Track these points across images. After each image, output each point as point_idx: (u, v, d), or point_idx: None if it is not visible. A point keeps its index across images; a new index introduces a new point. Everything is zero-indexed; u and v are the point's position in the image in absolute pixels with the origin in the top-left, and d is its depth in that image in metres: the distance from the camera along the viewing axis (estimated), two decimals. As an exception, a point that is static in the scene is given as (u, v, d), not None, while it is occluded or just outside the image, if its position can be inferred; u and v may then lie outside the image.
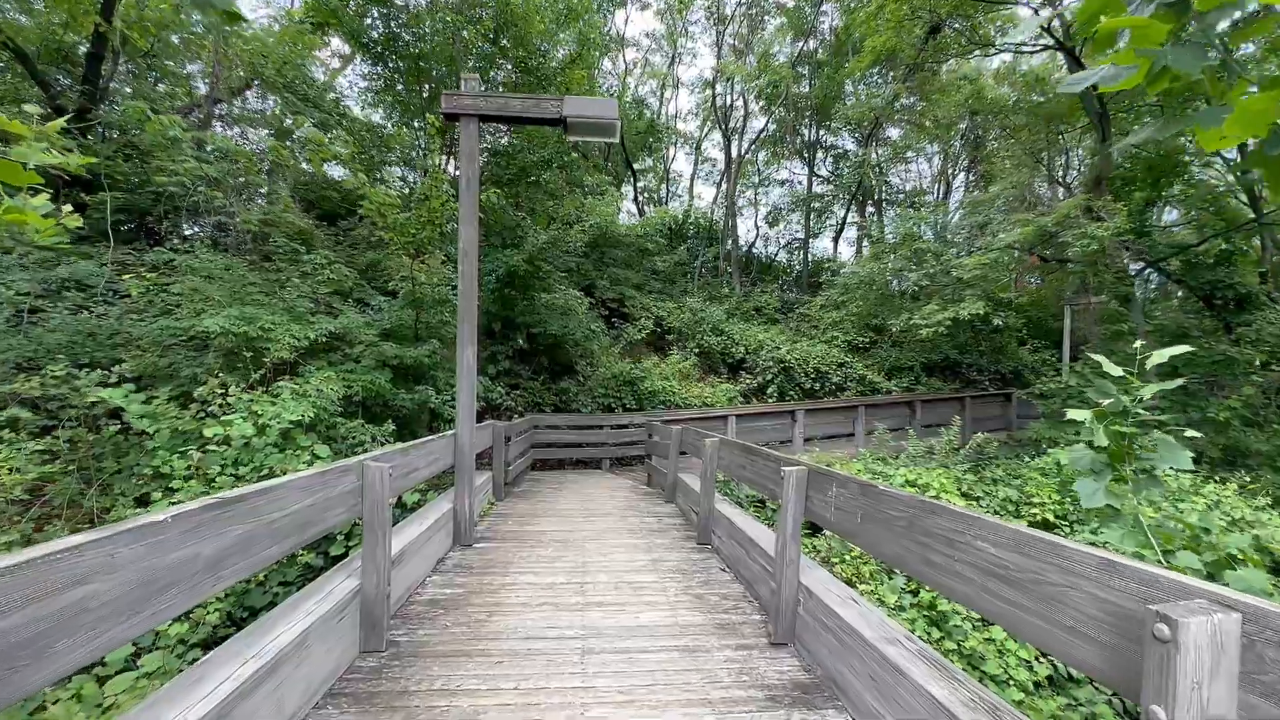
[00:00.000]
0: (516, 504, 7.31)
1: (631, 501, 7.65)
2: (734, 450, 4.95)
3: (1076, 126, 12.56)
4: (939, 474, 7.28)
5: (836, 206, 23.78)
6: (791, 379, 14.33)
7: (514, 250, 10.07)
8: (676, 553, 5.21)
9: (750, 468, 4.37)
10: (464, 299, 5.29)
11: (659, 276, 18.64)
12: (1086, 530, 6.40)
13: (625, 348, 14.93)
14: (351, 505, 2.99)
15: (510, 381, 11.20)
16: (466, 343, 5.28)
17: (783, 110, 22.41)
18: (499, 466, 7.48)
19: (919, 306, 11.16)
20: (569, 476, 10.02)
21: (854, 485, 2.77)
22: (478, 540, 5.46)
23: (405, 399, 7.37)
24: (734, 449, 4.94)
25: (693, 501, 6.40)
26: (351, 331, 7.20)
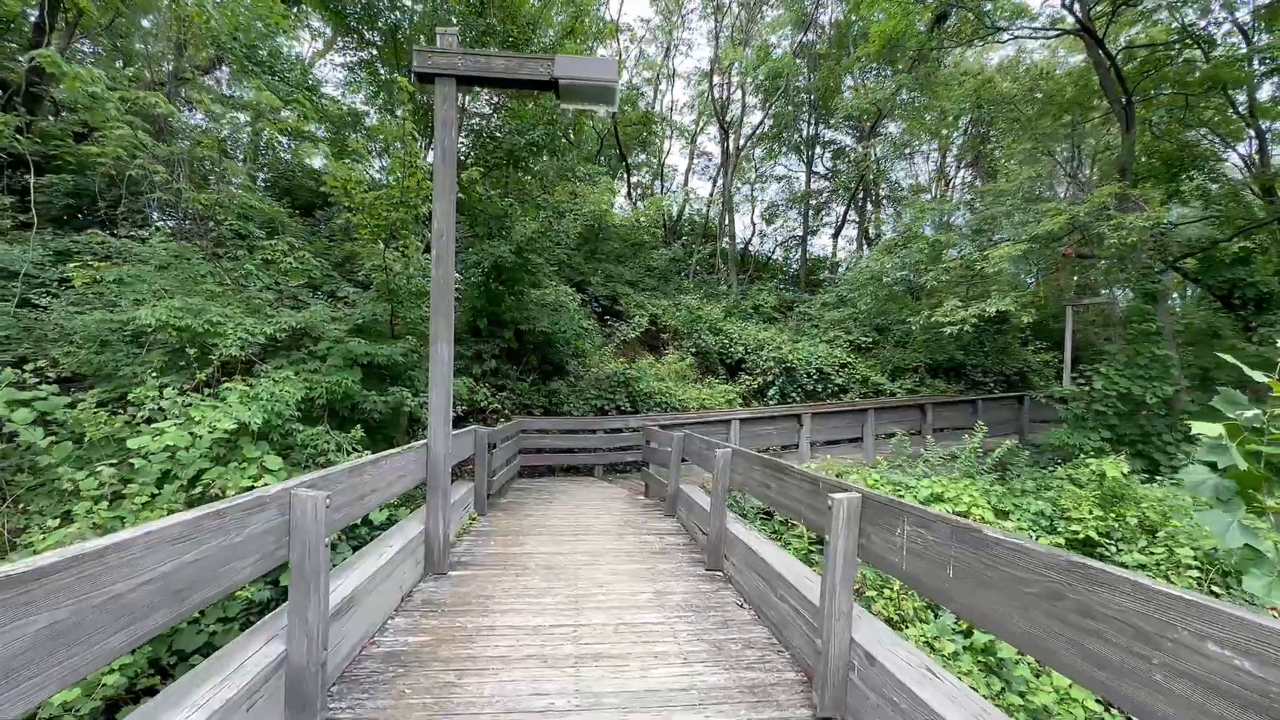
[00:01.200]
0: (501, 519, 6.58)
1: (628, 515, 6.94)
2: (753, 465, 4.25)
3: (1093, 117, 12.00)
4: (965, 486, 6.63)
5: (835, 203, 23.21)
6: (793, 380, 13.68)
7: (500, 241, 9.33)
8: (683, 581, 4.51)
9: (778, 488, 3.68)
10: (438, 287, 4.57)
11: (653, 273, 17.93)
12: (1135, 551, 5.78)
13: (619, 347, 14.22)
14: (271, 549, 2.26)
15: (497, 382, 10.46)
16: (441, 338, 4.56)
17: (781, 103, 21.79)
18: (482, 477, 6.75)
19: (936, 303, 10.53)
20: (559, 485, 9.30)
21: (941, 526, 2.08)
22: (454, 566, 4.74)
23: (377, 402, 6.62)
24: (753, 463, 4.25)
25: (698, 518, 5.71)
26: (316, 326, 6.43)
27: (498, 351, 10.47)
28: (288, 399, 5.31)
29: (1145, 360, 8.76)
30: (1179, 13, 12.07)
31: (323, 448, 5.69)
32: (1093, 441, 8.79)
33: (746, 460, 4.44)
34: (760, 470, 4.07)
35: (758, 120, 22.04)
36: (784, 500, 3.57)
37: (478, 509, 6.70)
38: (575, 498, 8.12)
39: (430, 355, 4.58)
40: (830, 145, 23.19)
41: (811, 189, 22.00)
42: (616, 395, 11.46)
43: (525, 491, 8.55)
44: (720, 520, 4.77)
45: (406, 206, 6.31)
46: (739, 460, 4.61)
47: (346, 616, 2.95)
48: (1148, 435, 8.77)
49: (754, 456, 4.30)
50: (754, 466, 4.23)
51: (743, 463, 4.53)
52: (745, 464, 4.46)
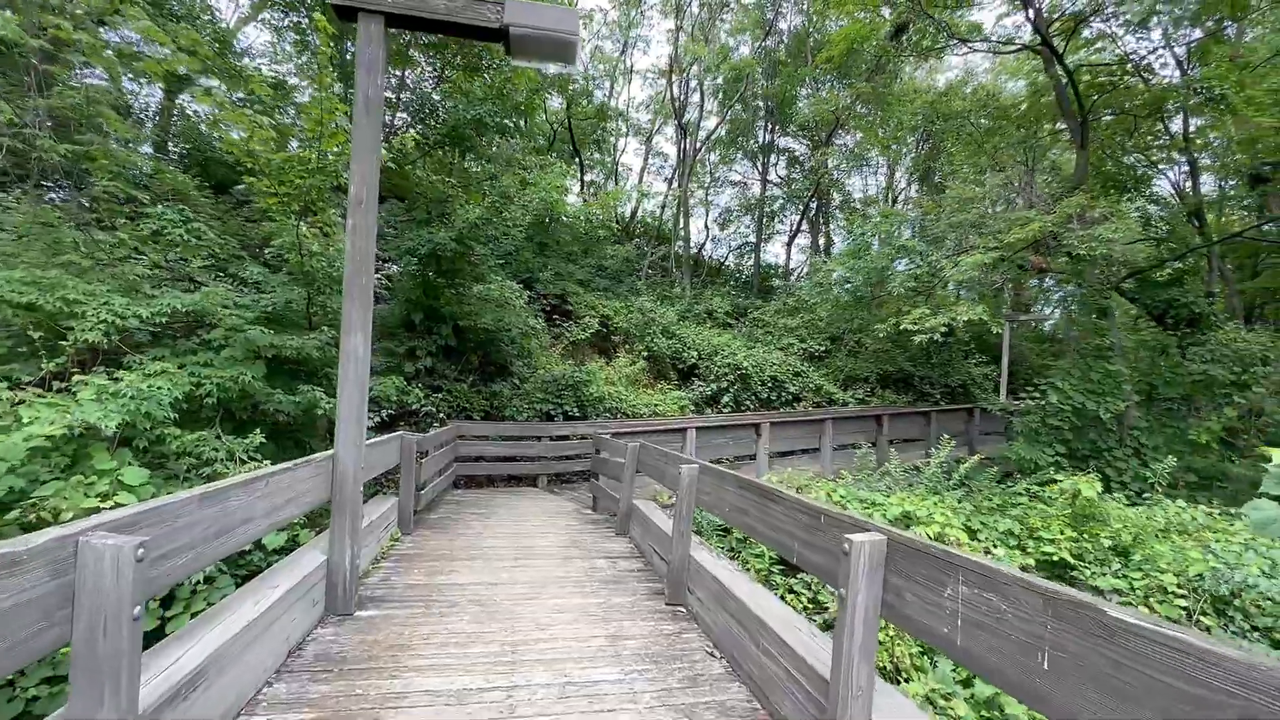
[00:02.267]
0: (429, 539, 5.74)
1: (575, 534, 6.22)
2: (726, 485, 3.64)
3: (1044, 135, 12.21)
4: (933, 503, 6.28)
5: (790, 212, 23.22)
6: (748, 387, 13.29)
7: (440, 227, 8.45)
8: (641, 621, 3.85)
9: (761, 517, 3.07)
10: (355, 265, 3.76)
11: (605, 273, 17.27)
12: (1109, 575, 5.53)
13: (567, 348, 13.47)
14: (29, 633, 1.45)
15: (432, 383, 9.52)
16: (356, 328, 3.76)
17: (739, 108, 21.62)
18: (408, 491, 5.88)
19: (897, 310, 10.33)
20: (499, 497, 8.47)
21: (1026, 594, 1.51)
22: (364, 604, 3.91)
23: (285, 402, 5.67)
24: (727, 484, 3.64)
25: (655, 540, 5.07)
26: (212, 312, 5.43)
27: (434, 349, 9.54)
28: (162, 397, 4.34)
29: (1098, 375, 8.77)
30: (1120, 41, 12.47)
31: (209, 457, 4.73)
32: (1047, 456, 8.71)
33: (717, 479, 3.83)
34: (736, 492, 3.47)
35: (715, 124, 21.80)
36: (769, 533, 2.97)
37: (402, 527, 5.83)
38: (517, 512, 7.33)
39: (341, 348, 3.75)
40: (785, 153, 23.21)
41: (766, 195, 21.89)
42: (564, 400, 10.71)
43: (461, 505, 7.69)
44: (684, 547, 4.14)
45: (325, 173, 5.40)
46: (708, 479, 3.99)
47: (190, 699, 2.13)
48: (1099, 450, 8.77)
49: (728, 475, 3.69)
50: (727, 487, 3.62)
51: (712, 482, 3.91)
52: (715, 483, 3.85)
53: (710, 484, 3.94)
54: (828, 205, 22.17)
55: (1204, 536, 5.61)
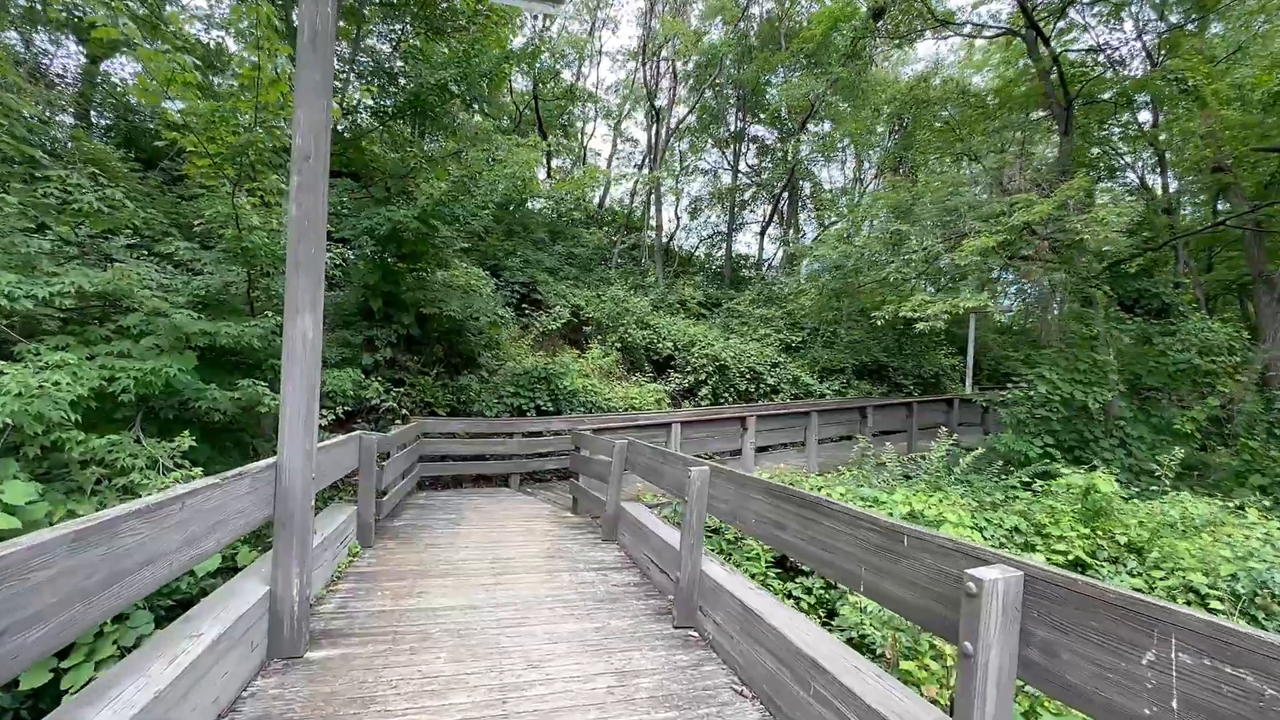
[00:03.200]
0: (394, 552, 5.07)
1: (557, 541, 5.64)
2: (752, 492, 3.12)
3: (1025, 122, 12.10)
4: (938, 500, 5.93)
5: (760, 201, 22.93)
6: (726, 379, 12.89)
7: (401, 205, 7.68)
8: (649, 650, 3.31)
9: (802, 531, 2.56)
10: (298, 229, 3.09)
11: (575, 261, 16.59)
12: (1125, 573, 5.28)
13: (538, 339, 12.79)
14: None
15: (393, 376, 8.74)
16: (304, 308, 3.09)
17: (710, 94, 21.14)
18: (368, 498, 5.19)
19: (902, 296, 9.99)
20: (469, 499, 7.80)
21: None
22: (318, 640, 3.25)
23: (220, 398, 4.89)
24: (754, 490, 3.11)
25: (654, 551, 4.54)
26: (126, 293, 4.61)
27: (395, 339, 8.76)
28: (60, 394, 3.56)
29: (1085, 365, 8.65)
30: (1093, 31, 12.47)
31: (123, 465, 3.96)
32: (1035, 447, 8.55)
33: (738, 485, 3.31)
34: (767, 502, 2.95)
35: (685, 112, 21.27)
36: (818, 553, 2.47)
37: (362, 539, 5.14)
38: (490, 517, 6.69)
39: (285, 333, 3.08)
40: (755, 142, 22.87)
41: (737, 184, 21.52)
42: (536, 393, 10.06)
43: (427, 509, 7.00)
44: (695, 562, 3.62)
45: (266, 133, 4.62)
46: (726, 484, 3.47)
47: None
48: (1085, 441, 8.66)
49: (752, 481, 3.18)
50: (753, 495, 3.10)
51: (730, 487, 3.39)
52: (736, 489, 3.33)
53: (728, 490, 3.42)
54: (799, 195, 21.94)
55: (1228, 530, 5.41)
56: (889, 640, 3.45)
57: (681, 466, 4.12)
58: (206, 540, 2.40)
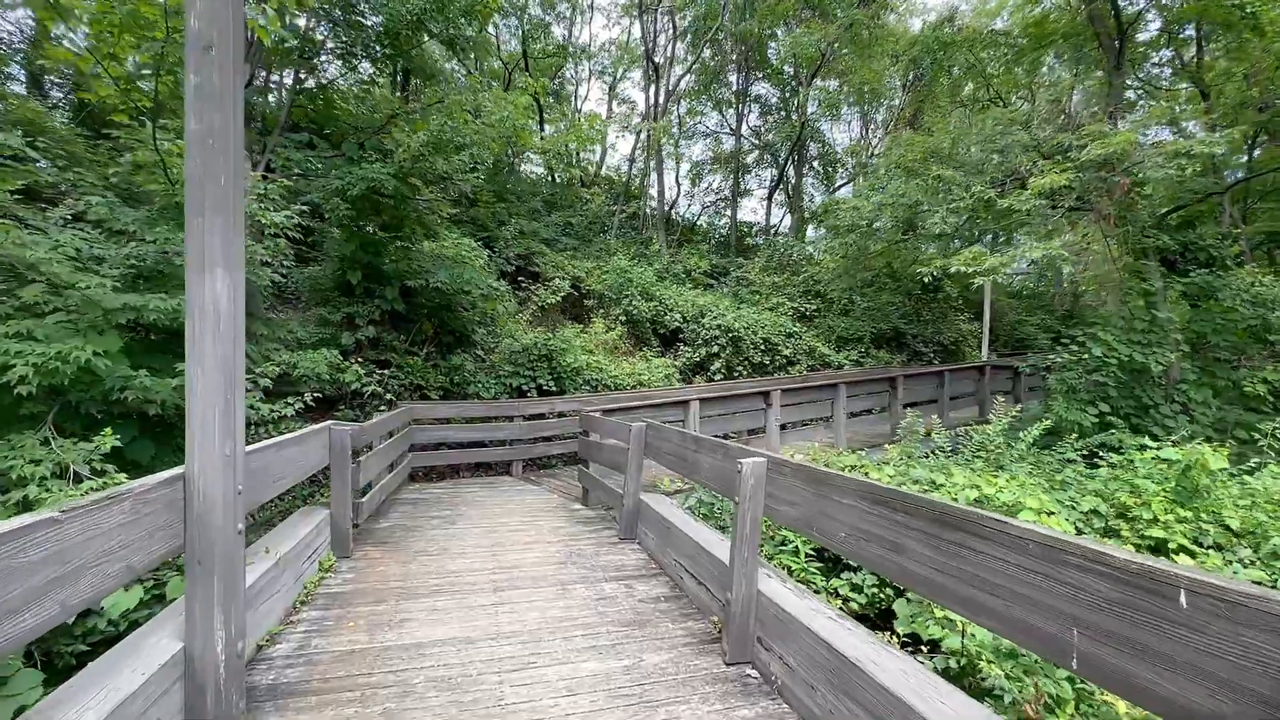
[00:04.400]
0: (375, 563, 4.28)
1: (568, 542, 4.86)
2: (843, 496, 2.27)
3: (1083, 53, 10.87)
4: (1007, 481, 5.13)
5: (763, 166, 21.81)
6: (740, 352, 12.04)
7: (378, 161, 6.75)
8: (699, 700, 2.53)
9: (960, 566, 1.72)
10: (202, 153, 2.22)
11: (573, 231, 15.62)
12: (1237, 563, 4.51)
13: (536, 314, 11.91)
14: None
15: (377, 357, 7.89)
16: (212, 263, 2.24)
17: (709, 53, 19.89)
18: (343, 500, 4.37)
19: (946, 250, 9.01)
20: (466, 491, 7.02)
21: None
22: (260, 706, 2.46)
23: (156, 387, 4.04)
24: (843, 493, 2.27)
25: (683, 555, 3.76)
26: (43, 262, 3.72)
27: (378, 315, 7.88)
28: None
29: (1143, 325, 7.80)
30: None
31: (22, 474, 3.12)
32: (1090, 416, 7.74)
33: (816, 485, 2.47)
34: (867, 509, 2.11)
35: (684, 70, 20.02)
36: (976, 595, 1.64)
37: (337, 549, 4.34)
38: (490, 513, 5.90)
39: (188, 296, 2.23)
40: (758, 101, 21.63)
41: (740, 148, 20.38)
42: (537, 372, 9.22)
43: (419, 505, 6.21)
44: (749, 580, 2.81)
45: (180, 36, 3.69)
46: (793, 482, 2.63)
47: None
48: (1144, 407, 7.86)
49: (836, 477, 2.34)
50: (842, 499, 2.27)
51: (803, 487, 2.55)
52: (814, 491, 2.48)
53: (797, 489, 2.59)
54: (806, 157, 20.81)
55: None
56: (1027, 693, 2.63)
57: (723, 455, 3.30)
58: (53, 597, 1.57)
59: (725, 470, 3.20)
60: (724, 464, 3.26)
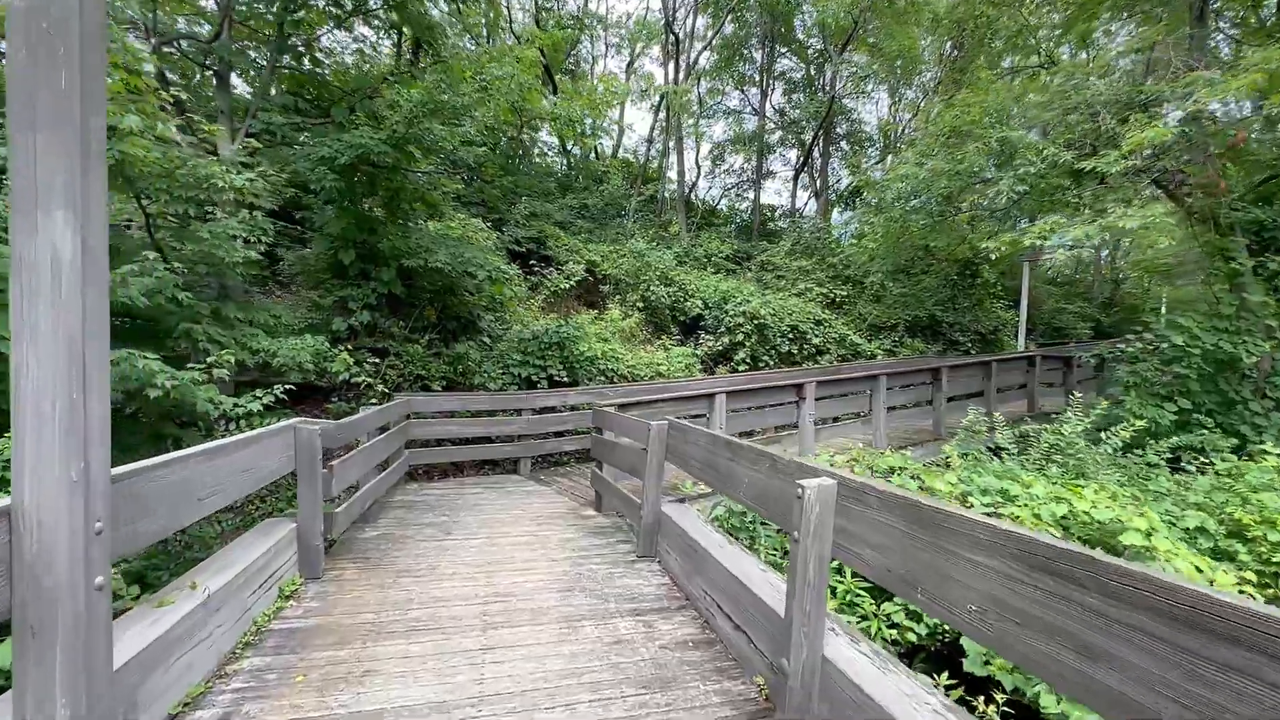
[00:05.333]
0: (348, 587, 3.62)
1: (579, 561, 4.16)
2: (980, 552, 1.52)
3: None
4: (1095, 494, 4.31)
5: (787, 146, 20.79)
6: (766, 340, 11.24)
7: (370, 127, 6.06)
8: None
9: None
10: (24, 40, 1.50)
11: (588, 214, 14.87)
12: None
13: (548, 300, 11.22)
14: None
15: (374, 344, 7.26)
16: (50, 200, 1.53)
17: (732, 28, 18.89)
18: (312, 512, 3.72)
19: (1003, 224, 8.04)
20: (468, 493, 6.37)
21: None
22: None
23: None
24: (976, 546, 1.52)
25: (715, 587, 3.06)
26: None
27: (374, 300, 7.24)
28: None
29: (1231, 310, 6.86)
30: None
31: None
32: (1168, 413, 6.85)
33: (924, 525, 1.72)
34: (1020, 576, 1.37)
35: (703, 45, 19.06)
36: None
37: (304, 568, 3.70)
38: (490, 520, 5.24)
39: (12, 250, 1.53)
40: (782, 78, 20.57)
41: (765, 124, 19.38)
42: (548, 361, 8.53)
43: (413, 510, 5.57)
44: (812, 644, 2.08)
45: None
46: (881, 516, 1.89)
47: None
48: (1231, 403, 6.93)
49: (956, 520, 1.59)
50: (976, 552, 1.52)
51: (908, 529, 1.81)
52: (916, 530, 1.74)
53: (883, 525, 1.85)
54: (834, 135, 19.74)
55: None
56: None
57: (769, 469, 2.56)
58: None
59: (774, 490, 2.47)
60: (772, 481, 2.53)
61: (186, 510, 2.42)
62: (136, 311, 4.18)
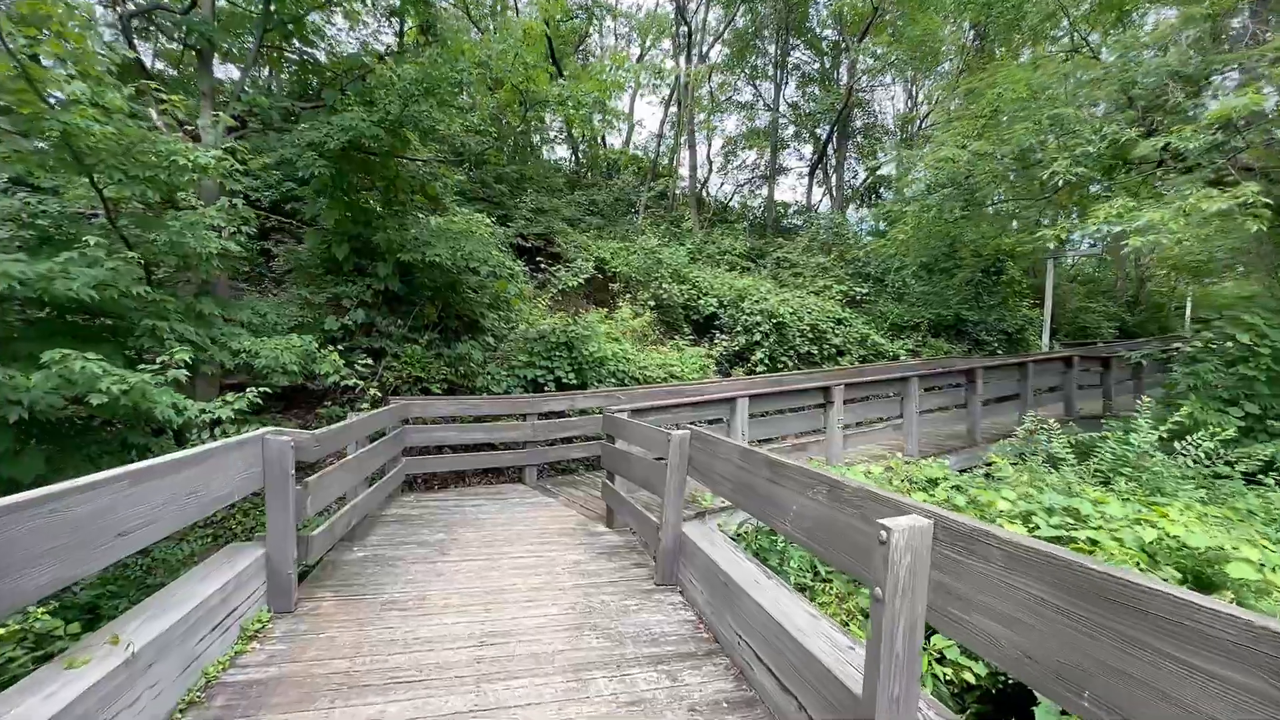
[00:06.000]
0: (323, 622, 3.14)
1: (589, 590, 3.65)
2: (1219, 657, 1.00)
3: None
4: (1181, 514, 3.75)
5: (802, 141, 20.22)
6: (784, 340, 10.69)
7: (360, 107, 5.60)
8: None
9: None
10: None
11: (597, 210, 14.38)
12: None
13: (555, 299, 10.73)
14: None
15: (371, 345, 6.80)
16: None
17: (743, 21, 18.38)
18: (283, 536, 3.23)
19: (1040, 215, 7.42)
20: (468, 505, 5.87)
21: None
22: None
23: (20, 385, 2.94)
24: (1219, 646, 1.00)
25: (758, 637, 2.54)
26: None
27: (371, 298, 6.78)
28: None
29: (1301, 304, 6.27)
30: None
31: None
32: (1232, 419, 6.25)
33: (1092, 599, 1.20)
34: None
35: (717, 34, 18.55)
36: None
37: (274, 601, 3.22)
38: (491, 537, 4.75)
39: None
40: (796, 71, 20.01)
41: (777, 118, 18.81)
42: (555, 363, 8.04)
43: (406, 524, 5.09)
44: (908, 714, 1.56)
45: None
46: (1011, 573, 1.36)
47: None
48: (1302, 407, 6.31)
49: (1163, 599, 1.07)
50: (1207, 655, 1.00)
51: (1064, 602, 1.29)
52: (1076, 605, 1.22)
53: (1014, 589, 1.33)
54: (851, 130, 19.14)
55: None
56: None
57: (829, 497, 2.04)
58: None
59: (837, 526, 1.95)
60: (834, 515, 2.00)
61: (98, 552, 1.94)
62: (94, 308, 3.72)
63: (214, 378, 5.30)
